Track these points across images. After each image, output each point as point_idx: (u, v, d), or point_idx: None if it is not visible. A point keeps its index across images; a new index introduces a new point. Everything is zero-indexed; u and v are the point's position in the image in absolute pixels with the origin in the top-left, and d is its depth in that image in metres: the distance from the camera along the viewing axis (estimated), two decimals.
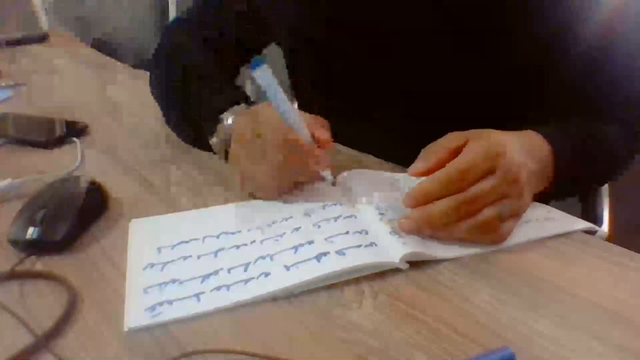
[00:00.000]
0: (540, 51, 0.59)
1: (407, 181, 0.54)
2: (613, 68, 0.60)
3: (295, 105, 0.84)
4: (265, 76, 0.50)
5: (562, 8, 0.57)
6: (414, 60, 0.64)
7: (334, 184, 0.57)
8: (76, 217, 0.51)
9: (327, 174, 0.56)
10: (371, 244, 0.46)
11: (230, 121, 0.58)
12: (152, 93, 0.77)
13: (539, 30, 0.58)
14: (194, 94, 0.68)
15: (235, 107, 0.60)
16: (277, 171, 0.53)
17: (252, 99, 0.63)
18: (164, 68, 0.78)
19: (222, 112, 0.60)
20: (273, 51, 0.81)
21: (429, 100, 0.64)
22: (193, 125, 0.66)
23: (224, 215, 0.54)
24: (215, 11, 0.78)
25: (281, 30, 0.77)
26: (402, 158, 0.59)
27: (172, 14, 1.93)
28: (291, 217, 0.52)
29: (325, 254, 0.45)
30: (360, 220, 0.50)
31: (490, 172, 0.45)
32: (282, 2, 0.73)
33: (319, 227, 0.50)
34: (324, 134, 0.54)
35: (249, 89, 2.00)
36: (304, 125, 0.53)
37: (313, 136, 0.53)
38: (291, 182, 0.56)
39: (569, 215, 0.52)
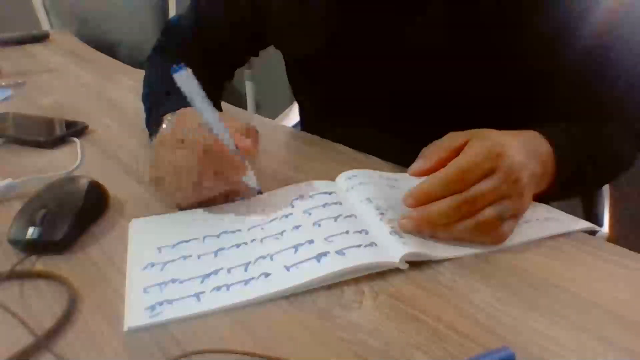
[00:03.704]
0: (544, 54, 0.59)
1: (407, 181, 0.54)
2: (615, 69, 0.60)
3: (295, 107, 0.84)
4: (186, 82, 0.49)
5: (567, 10, 0.57)
6: (418, 64, 0.63)
7: (259, 192, 0.54)
8: (76, 217, 0.51)
9: (249, 178, 0.53)
10: (371, 244, 0.46)
11: (165, 124, 0.56)
12: None
13: (543, 34, 0.58)
14: (159, 93, 0.68)
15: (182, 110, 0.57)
16: (197, 179, 0.50)
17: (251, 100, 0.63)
18: (150, 68, 0.79)
19: (166, 114, 0.57)
20: (272, 49, 0.81)
21: (432, 103, 0.64)
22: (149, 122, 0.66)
23: (224, 215, 0.54)
24: (211, 18, 0.79)
25: (277, 42, 0.77)
26: (402, 158, 0.59)
27: (172, 14, 1.93)
28: (291, 214, 0.52)
29: (325, 254, 0.45)
30: (360, 220, 0.50)
31: (491, 172, 0.45)
32: (277, 19, 0.73)
33: (319, 225, 0.50)
34: (246, 142, 0.52)
35: (249, 89, 2.00)
36: (226, 132, 0.51)
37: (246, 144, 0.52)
38: (214, 191, 0.53)
39: (569, 215, 0.53)
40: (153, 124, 0.60)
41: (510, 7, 0.57)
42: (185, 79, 0.49)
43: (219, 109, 0.75)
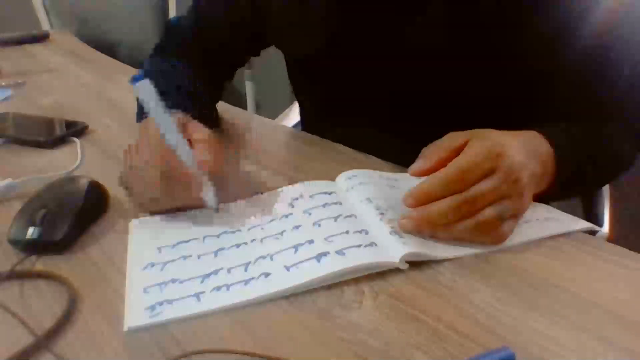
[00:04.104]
0: (544, 54, 0.59)
1: (407, 181, 0.54)
2: (615, 69, 0.60)
3: (295, 107, 0.83)
4: (145, 92, 0.48)
5: (567, 10, 0.57)
6: (418, 64, 0.63)
7: (217, 210, 0.51)
8: (76, 217, 0.51)
9: (209, 197, 0.51)
10: (371, 244, 0.46)
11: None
12: None
13: (543, 34, 0.58)
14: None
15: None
16: (154, 187, 0.50)
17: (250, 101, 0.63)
18: (150, 65, 0.78)
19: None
20: (272, 49, 0.81)
21: (432, 103, 0.64)
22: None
23: (224, 215, 0.54)
24: (211, 18, 0.79)
25: (277, 42, 0.77)
26: (402, 158, 0.59)
27: (172, 14, 1.93)
28: (291, 214, 0.52)
29: (325, 254, 0.45)
30: (360, 220, 0.50)
31: (491, 172, 0.45)
32: (277, 19, 0.73)
33: (319, 225, 0.50)
34: (206, 157, 0.50)
35: (249, 89, 1.99)
36: (185, 145, 0.50)
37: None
38: (172, 202, 0.53)
39: (569, 215, 0.53)
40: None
41: (510, 7, 0.57)
42: (145, 89, 0.48)
43: (215, 111, 0.75)
